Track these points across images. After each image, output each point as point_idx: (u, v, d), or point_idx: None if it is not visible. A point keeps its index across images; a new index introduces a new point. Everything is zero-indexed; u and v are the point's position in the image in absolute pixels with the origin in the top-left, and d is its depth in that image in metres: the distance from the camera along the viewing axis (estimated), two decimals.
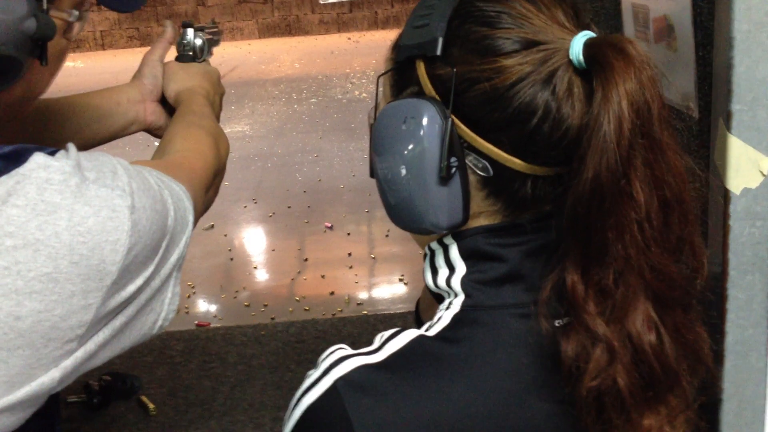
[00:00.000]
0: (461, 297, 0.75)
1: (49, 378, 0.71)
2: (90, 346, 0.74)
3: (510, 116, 0.70)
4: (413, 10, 0.78)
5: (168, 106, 1.31)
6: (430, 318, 0.77)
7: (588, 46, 0.68)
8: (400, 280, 3.91)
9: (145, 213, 0.75)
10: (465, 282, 0.75)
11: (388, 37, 0.80)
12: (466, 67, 0.71)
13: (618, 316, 0.67)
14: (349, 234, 4.53)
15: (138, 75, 1.33)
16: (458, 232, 0.77)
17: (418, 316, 1.01)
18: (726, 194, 0.82)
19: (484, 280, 0.75)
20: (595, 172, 0.65)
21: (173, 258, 0.83)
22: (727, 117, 0.80)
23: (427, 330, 0.74)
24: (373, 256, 4.22)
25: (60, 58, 0.87)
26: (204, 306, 3.78)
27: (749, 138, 0.80)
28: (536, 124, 0.70)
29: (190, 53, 1.37)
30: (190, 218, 0.88)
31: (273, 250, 4.47)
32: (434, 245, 0.80)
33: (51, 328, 0.69)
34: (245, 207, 5.12)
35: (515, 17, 0.71)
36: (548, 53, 0.69)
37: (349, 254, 4.23)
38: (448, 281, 0.76)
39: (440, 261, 0.78)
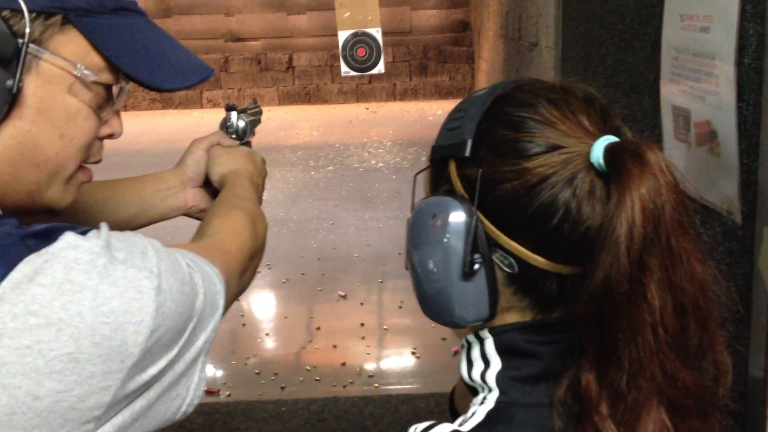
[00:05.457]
0: (495, 393, 0.75)
1: None
2: (108, 428, 0.73)
3: (531, 215, 0.72)
4: (449, 113, 0.82)
5: (212, 189, 1.32)
6: (464, 408, 0.77)
7: (608, 150, 0.69)
8: (413, 353, 3.87)
9: (171, 295, 0.75)
10: (500, 378, 0.76)
11: (405, 108, 0.82)
12: (492, 168, 0.74)
13: (629, 419, 0.67)
14: (362, 304, 4.51)
15: (180, 162, 1.35)
16: (494, 327, 0.78)
17: (452, 403, 1.00)
18: None
19: (520, 377, 0.75)
20: (605, 274, 0.66)
21: (200, 342, 0.82)
22: None
23: (460, 425, 0.74)
24: (385, 327, 4.20)
25: (70, 120, 0.82)
26: (213, 371, 3.75)
27: None
28: (556, 224, 0.71)
29: (234, 135, 1.41)
30: (221, 302, 0.86)
31: (285, 317, 4.45)
32: (471, 338, 0.80)
33: (68, 408, 0.68)
34: (259, 272, 5.11)
35: (539, 122, 0.73)
36: (570, 156, 0.71)
37: (362, 324, 4.21)
38: (482, 376, 0.77)
39: (476, 354, 0.79)
